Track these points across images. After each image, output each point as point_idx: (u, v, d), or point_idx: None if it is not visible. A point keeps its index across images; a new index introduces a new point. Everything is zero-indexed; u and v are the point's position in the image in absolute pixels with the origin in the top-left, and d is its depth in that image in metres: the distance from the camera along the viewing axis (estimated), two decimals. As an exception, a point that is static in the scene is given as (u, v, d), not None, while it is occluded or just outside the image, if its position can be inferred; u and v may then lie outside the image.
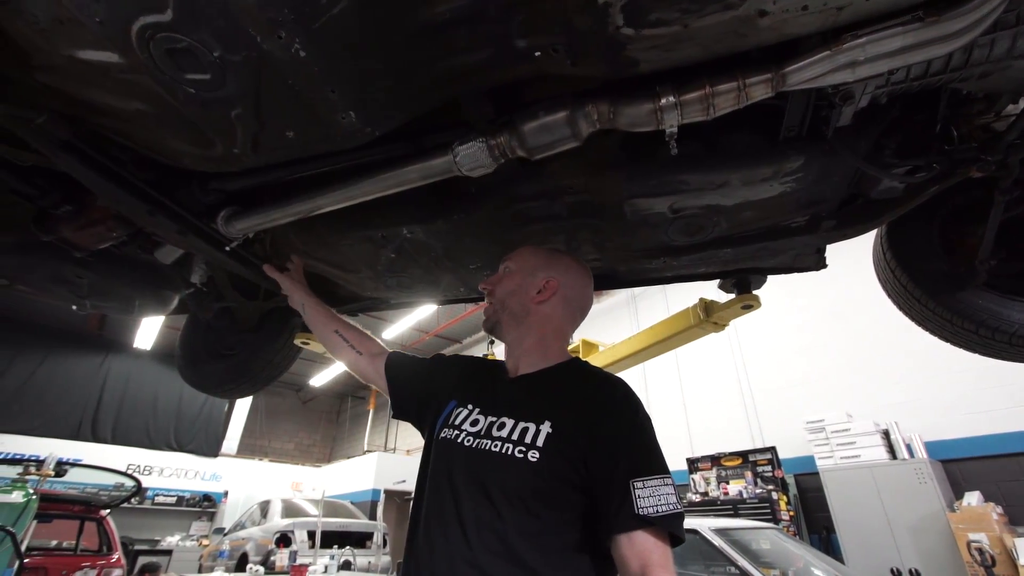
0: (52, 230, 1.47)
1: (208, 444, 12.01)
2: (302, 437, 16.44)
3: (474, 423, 0.98)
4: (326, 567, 4.83)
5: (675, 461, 7.09)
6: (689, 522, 3.78)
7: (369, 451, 12.72)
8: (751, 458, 5.97)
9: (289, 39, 0.81)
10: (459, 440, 0.96)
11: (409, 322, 10.73)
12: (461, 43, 0.87)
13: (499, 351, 5.37)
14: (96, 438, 10.68)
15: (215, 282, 1.88)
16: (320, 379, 13.57)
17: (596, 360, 2.12)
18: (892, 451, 5.01)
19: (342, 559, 5.42)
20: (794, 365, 6.36)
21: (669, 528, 0.80)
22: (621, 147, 1.17)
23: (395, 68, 0.90)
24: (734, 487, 5.89)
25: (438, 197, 1.29)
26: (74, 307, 2.02)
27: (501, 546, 0.82)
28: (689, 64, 0.90)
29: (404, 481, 10.91)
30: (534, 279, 1.09)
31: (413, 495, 1.02)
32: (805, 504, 5.75)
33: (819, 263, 1.52)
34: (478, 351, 11.69)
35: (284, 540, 5.51)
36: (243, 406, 13.18)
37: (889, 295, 1.58)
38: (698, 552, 3.80)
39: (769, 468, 5.75)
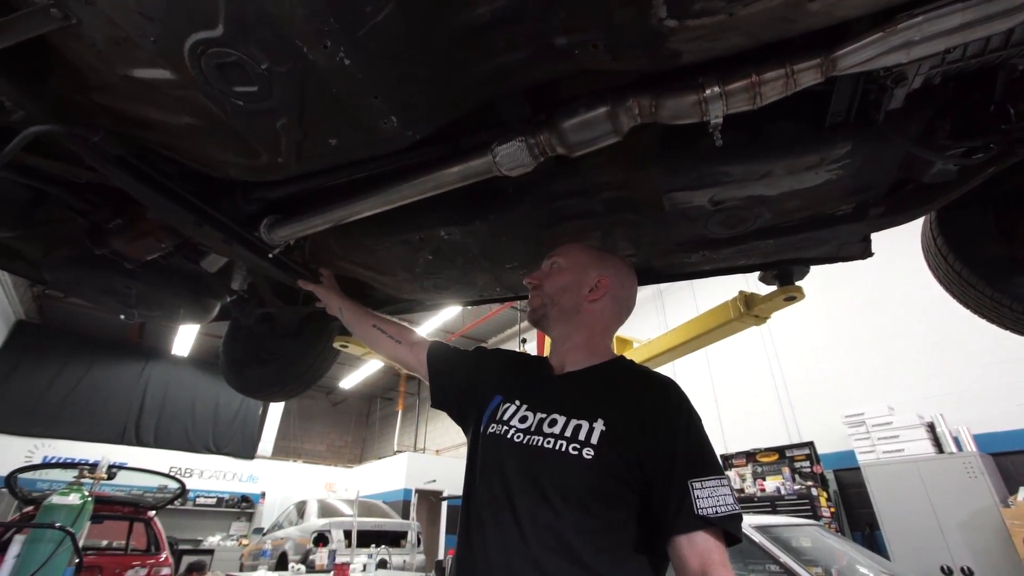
0: (105, 243, 1.53)
1: (244, 447, 12.37)
2: (333, 438, 16.77)
3: (523, 419, 0.98)
4: (364, 566, 4.92)
5: (708, 458, 6.98)
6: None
7: (399, 451, 12.89)
8: (788, 453, 5.84)
9: (334, 48, 0.82)
10: (508, 436, 0.96)
11: (435, 323, 10.83)
12: (501, 43, 0.87)
13: (531, 348, 5.37)
14: (140, 442, 11.13)
15: (256, 289, 1.93)
16: (349, 381, 13.82)
17: (632, 357, 2.10)
18: (938, 444, 4.82)
19: (378, 558, 5.51)
20: (830, 357, 6.18)
21: (729, 528, 0.80)
22: (660, 140, 1.16)
23: (436, 71, 0.90)
24: (771, 483, 5.76)
25: (474, 198, 1.29)
26: (122, 316, 2.10)
27: (559, 544, 0.82)
28: (734, 53, 0.88)
29: (434, 481, 11.02)
30: (586, 277, 1.09)
31: (463, 491, 1.01)
32: (846, 500, 5.59)
33: (865, 252, 1.47)
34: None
35: (322, 539, 5.64)
36: (276, 409, 13.53)
37: (941, 282, 1.52)
38: (736, 550, 3.73)
39: (807, 463, 5.61)
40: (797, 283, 1.57)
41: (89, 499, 3.58)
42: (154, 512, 5.69)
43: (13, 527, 3.46)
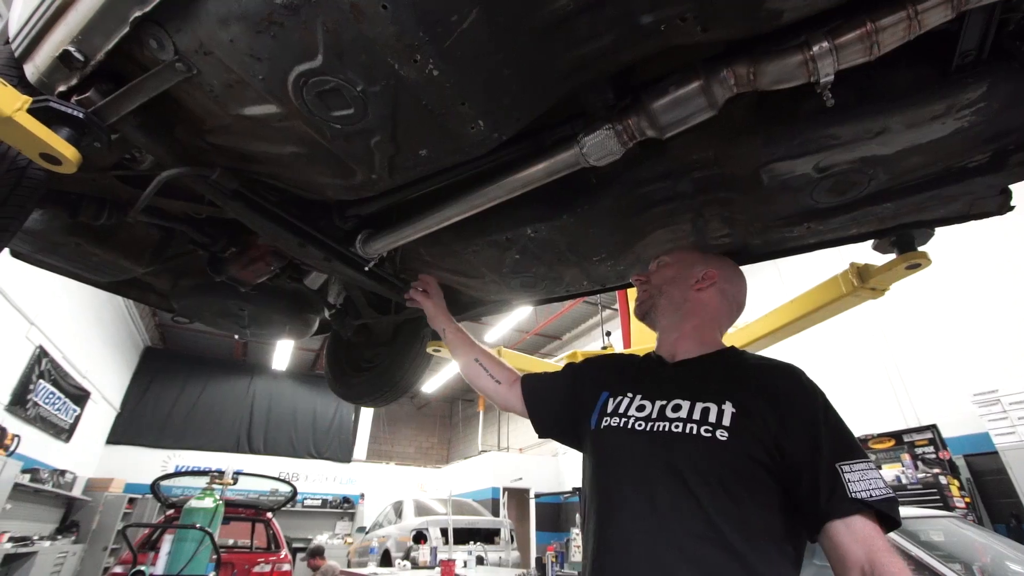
0: (223, 271, 1.68)
1: (342, 451, 13.23)
2: (420, 441, 17.47)
3: (640, 408, 0.96)
4: (465, 562, 5.08)
5: (811, 446, 6.50)
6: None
7: (484, 451, 13.18)
8: (906, 439, 5.29)
9: (423, 61, 0.84)
10: (629, 426, 0.94)
11: (509, 324, 10.95)
12: (584, 31, 0.86)
13: (616, 339, 5.27)
14: (251, 450, 12.24)
15: (352, 301, 2.04)
16: (431, 385, 14.32)
17: (733, 339, 1.99)
18: (1099, 422, 4.16)
19: (475, 555, 5.67)
20: (951, 329, 5.51)
21: (887, 511, 0.77)
22: (754, 108, 1.08)
23: (520, 70, 0.90)
24: (888, 472, 5.25)
25: (559, 192, 1.28)
26: (236, 336, 2.31)
27: (706, 529, 0.79)
28: (840, 4, 0.80)
29: (520, 479, 11.15)
30: (693, 269, 1.13)
31: (586, 492, 0.99)
32: (983, 489, 4.96)
33: (1003, 206, 1.29)
34: (578, 346, 11.61)
35: (421, 537, 5.90)
36: (367, 415, 14.33)
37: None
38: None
39: (931, 449, 5.05)
40: (920, 248, 1.41)
41: (220, 503, 3.99)
42: (271, 513, 6.22)
43: (161, 528, 3.95)
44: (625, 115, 0.99)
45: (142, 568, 3.24)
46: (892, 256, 1.43)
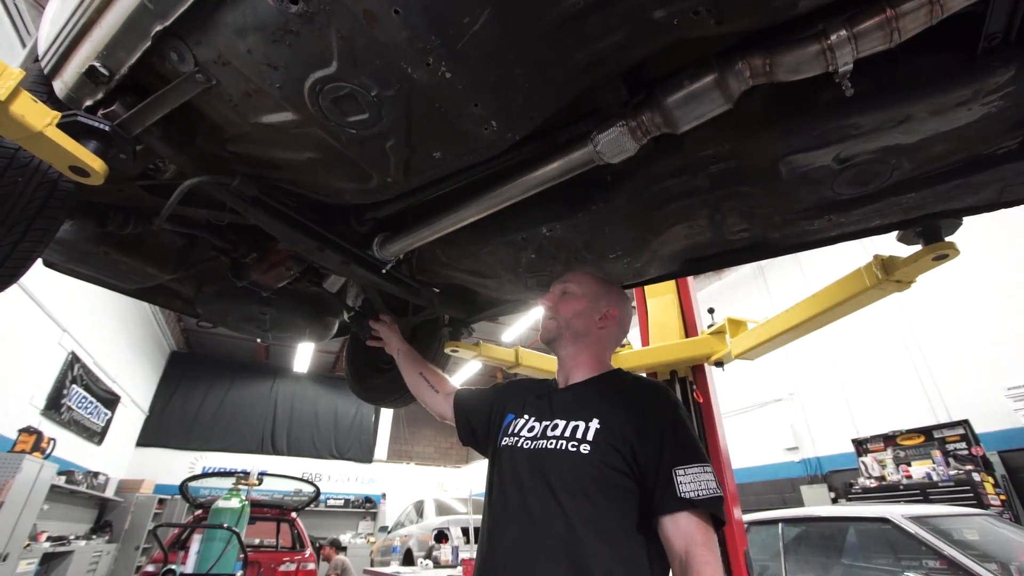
0: (244, 276, 1.72)
1: (363, 451, 13.39)
2: (440, 441, 17.56)
3: (530, 429, 1.10)
4: (485, 561, 5.11)
5: (837, 444, 6.36)
6: (877, 509, 3.35)
7: (503, 450, 13.18)
8: (936, 434, 5.15)
9: (436, 64, 0.85)
10: (519, 445, 1.08)
11: (526, 323, 10.94)
12: (596, 29, 0.85)
13: (635, 342, 5.23)
14: (275, 451, 12.46)
15: (370, 304, 2.07)
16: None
17: (749, 338, 1.96)
18: None
19: (496, 554, 5.70)
20: (983, 320, 5.33)
21: (710, 509, 0.88)
22: (770, 100, 1.06)
23: (532, 69, 0.90)
24: (918, 469, 5.12)
25: (574, 191, 1.28)
26: (259, 340, 2.35)
27: (565, 531, 0.91)
28: (860, -11, 0.79)
29: (540, 477, 11.12)
30: (597, 305, 1.25)
31: (483, 505, 1.12)
32: (1019, 486, 4.80)
33: (1037, 193, 1.25)
34: (596, 344, 11.55)
35: (442, 536, 5.94)
36: (387, 415, 14.47)
37: None
38: (887, 544, 3.36)
39: (963, 445, 4.91)
40: (947, 239, 1.36)
41: (246, 503, 4.08)
42: (296, 513, 6.33)
43: (190, 528, 4.05)
44: (639, 111, 0.98)
45: (172, 567, 3.33)
46: (918, 247, 1.39)
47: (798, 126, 1.06)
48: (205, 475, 6.44)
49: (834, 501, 5.99)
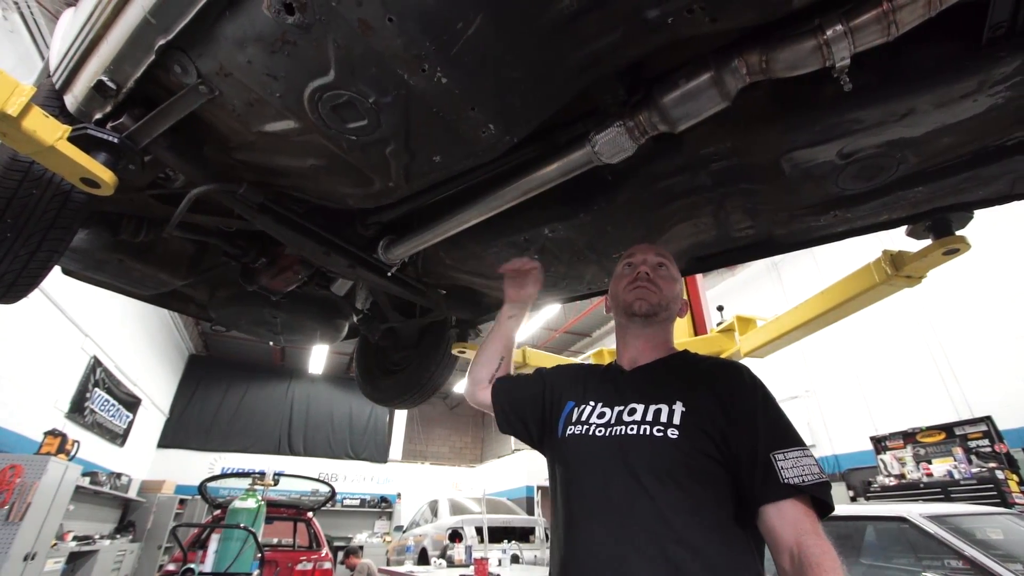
0: (254, 281, 1.75)
1: (378, 451, 13.50)
2: (454, 440, 17.62)
3: (601, 415, 1.01)
4: (499, 560, 5.12)
5: (855, 441, 6.25)
6: (894, 508, 3.29)
7: (517, 450, 13.20)
8: (958, 431, 5.02)
9: (432, 70, 0.86)
10: (590, 433, 0.99)
11: (538, 322, 10.93)
12: (590, 29, 0.86)
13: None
14: (292, 451, 12.62)
15: (378, 306, 2.09)
16: (463, 385, 14.45)
17: (760, 335, 1.94)
18: None
19: (510, 553, 5.70)
20: (1003, 314, 5.19)
21: (819, 495, 0.80)
22: (771, 96, 1.05)
23: (528, 72, 0.91)
24: (939, 467, 5.00)
25: (575, 191, 1.28)
26: (271, 343, 2.39)
27: (658, 523, 0.83)
28: (855, -18, 0.78)
29: (554, 477, 11.10)
30: (681, 294, 1.17)
31: (552, 501, 1.03)
32: (1045, 483, 4.67)
33: (1051, 183, 1.22)
34: (609, 343, 11.50)
35: (456, 536, 5.97)
36: (401, 416, 14.56)
37: None
38: (906, 543, 3.30)
39: (986, 442, 4.78)
40: (958, 232, 1.34)
41: (262, 503, 4.15)
42: (312, 513, 6.41)
43: (209, 528, 4.12)
44: (636, 111, 0.98)
45: (192, 566, 3.40)
46: (928, 242, 1.37)
47: (800, 122, 1.05)
48: (223, 476, 6.55)
49: (852, 500, 5.88)
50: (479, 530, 6.19)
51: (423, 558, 7.11)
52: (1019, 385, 4.67)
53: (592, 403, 1.05)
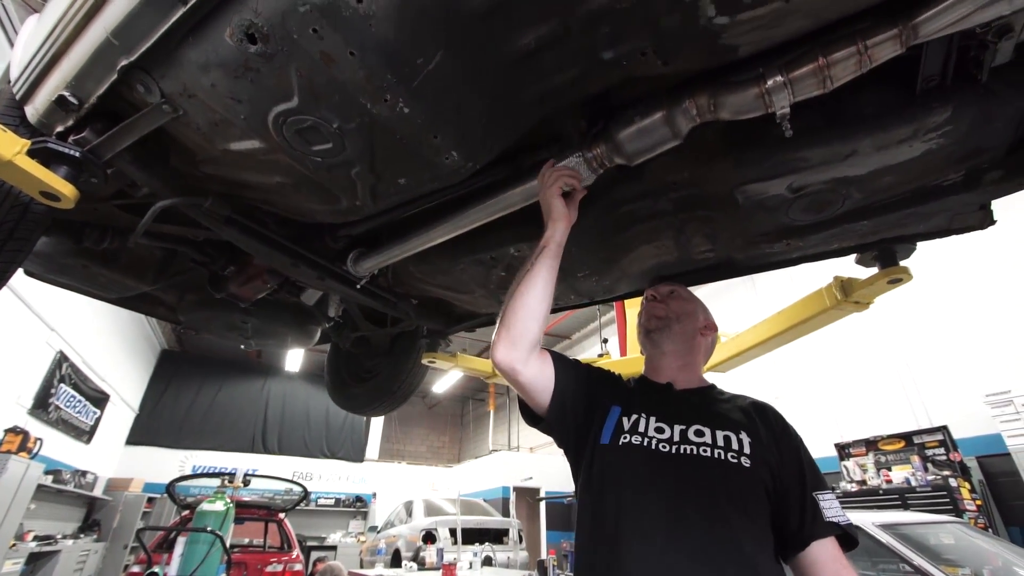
0: (223, 288, 1.74)
1: (354, 450, 13.37)
2: (432, 440, 17.57)
3: (659, 430, 0.97)
4: (471, 563, 5.14)
5: (820, 448, 6.42)
6: (851, 517, 3.42)
7: (494, 450, 13.23)
8: (916, 440, 5.21)
9: (394, 100, 0.88)
10: (651, 446, 0.95)
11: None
12: (548, 65, 0.89)
13: (612, 347, 5.27)
14: (266, 450, 12.42)
15: (350, 315, 2.10)
16: (442, 386, 14.40)
17: (722, 351, 2.01)
18: (1115, 423, 4.07)
19: (483, 555, 5.73)
20: (963, 328, 5.42)
21: (852, 532, 0.90)
22: (724, 134, 1.10)
23: (489, 104, 0.94)
24: (898, 474, 5.18)
25: (539, 213, 1.31)
26: (242, 347, 2.38)
27: (732, 547, 0.84)
28: (797, 37, 0.83)
29: (531, 478, 11.18)
30: (698, 312, 1.21)
31: (587, 503, 0.96)
32: (995, 492, 4.87)
33: (985, 221, 1.29)
34: (587, 345, 11.60)
35: (430, 538, 5.98)
36: (378, 415, 14.44)
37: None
38: (863, 549, 3.43)
39: (942, 451, 4.97)
40: (902, 263, 1.41)
41: (231, 505, 4.10)
42: (284, 514, 6.34)
43: (174, 531, 4.06)
44: (595, 143, 1.02)
45: (156, 570, 3.35)
46: (875, 270, 1.44)
47: (751, 158, 1.10)
48: (192, 476, 6.43)
49: (817, 504, 6.06)
50: (452, 531, 6.21)
51: (397, 560, 7.08)
52: (974, 397, 4.87)
53: (644, 414, 1.00)
